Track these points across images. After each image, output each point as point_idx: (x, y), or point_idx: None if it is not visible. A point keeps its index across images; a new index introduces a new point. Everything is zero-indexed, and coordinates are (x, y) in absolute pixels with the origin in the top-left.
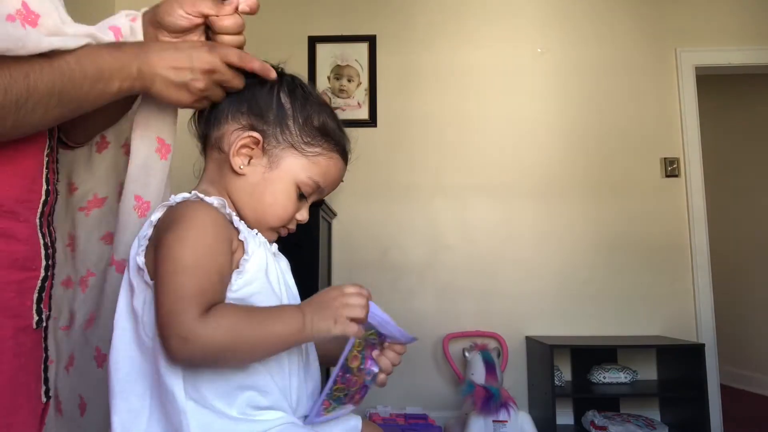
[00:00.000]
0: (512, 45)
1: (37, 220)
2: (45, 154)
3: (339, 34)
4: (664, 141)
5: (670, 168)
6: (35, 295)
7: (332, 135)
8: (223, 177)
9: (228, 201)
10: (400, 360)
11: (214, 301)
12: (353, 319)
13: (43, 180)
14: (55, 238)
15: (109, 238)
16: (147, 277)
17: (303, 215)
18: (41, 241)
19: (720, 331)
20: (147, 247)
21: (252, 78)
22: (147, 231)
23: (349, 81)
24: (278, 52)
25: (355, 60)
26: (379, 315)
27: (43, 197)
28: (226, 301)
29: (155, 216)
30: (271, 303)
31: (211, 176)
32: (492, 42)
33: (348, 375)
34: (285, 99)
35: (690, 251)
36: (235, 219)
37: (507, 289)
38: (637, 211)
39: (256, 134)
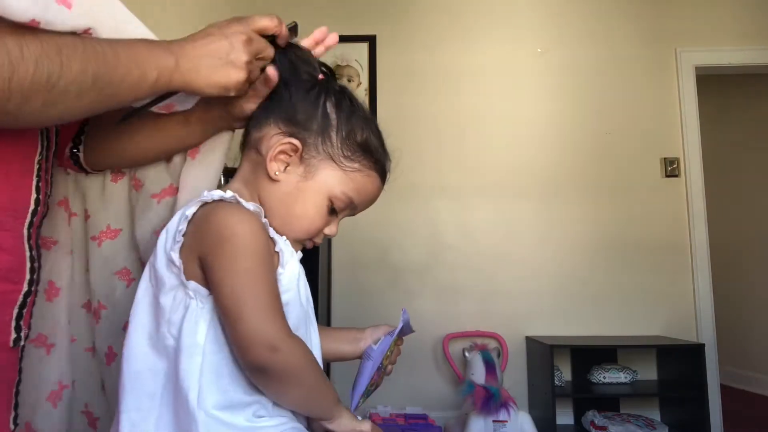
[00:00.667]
0: (512, 45)
1: (25, 231)
2: (35, 161)
3: (339, 34)
4: (664, 141)
5: (670, 168)
6: (15, 311)
7: (374, 152)
8: (257, 179)
9: (261, 209)
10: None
11: (283, 312)
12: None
13: (33, 189)
14: (40, 253)
15: (126, 274)
16: (182, 277)
17: (332, 230)
18: (27, 254)
19: (720, 331)
20: (183, 245)
21: (301, 79)
22: (182, 225)
23: (349, 81)
24: None
25: (355, 60)
26: (406, 318)
27: (32, 207)
28: None
29: (190, 210)
30: (299, 315)
31: (246, 176)
32: (492, 42)
33: (379, 371)
34: (331, 109)
35: (690, 251)
36: (271, 229)
37: (507, 289)
38: (637, 211)
39: (296, 141)
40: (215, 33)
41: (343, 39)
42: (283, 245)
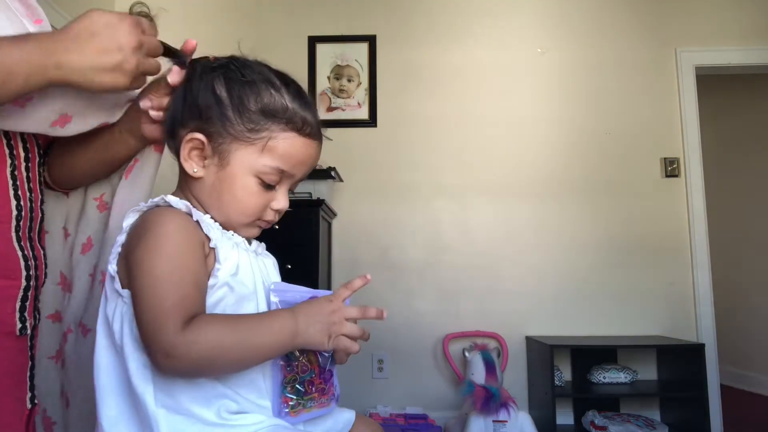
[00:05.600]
0: (512, 45)
1: (13, 234)
2: (8, 173)
3: (339, 34)
4: (664, 141)
5: (670, 168)
6: (18, 304)
7: (279, 113)
8: (187, 182)
9: (198, 205)
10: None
11: (195, 311)
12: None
13: (11, 196)
14: (42, 252)
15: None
16: (118, 286)
17: (280, 204)
18: (19, 254)
19: (720, 331)
20: (119, 255)
21: (191, 76)
22: (120, 237)
23: (349, 81)
24: (278, 52)
25: (355, 60)
26: (290, 291)
27: (15, 212)
28: None
29: (127, 222)
30: (239, 306)
31: (181, 183)
32: (492, 42)
33: (293, 363)
34: (220, 89)
35: (690, 251)
36: (205, 225)
37: (507, 289)
38: (637, 211)
39: (198, 135)
40: (105, 34)
41: (343, 39)
42: (222, 241)
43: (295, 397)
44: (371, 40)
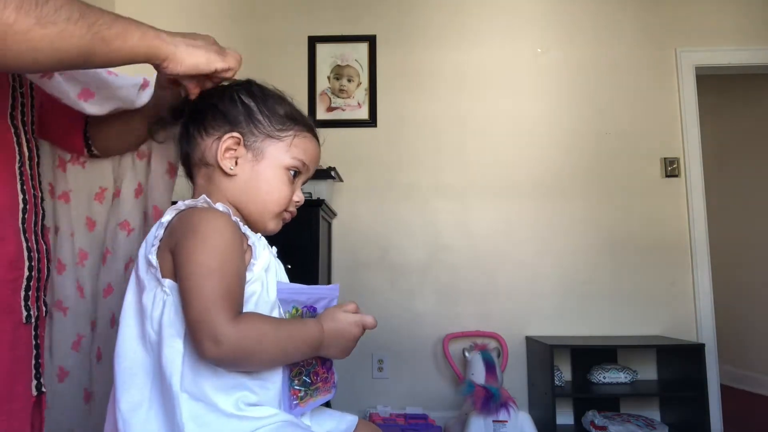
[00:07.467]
0: (512, 45)
1: (20, 226)
2: (17, 168)
3: (339, 34)
4: (664, 141)
5: (670, 168)
6: (22, 293)
7: (299, 118)
8: (217, 185)
9: (231, 208)
10: None
11: (239, 303)
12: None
13: (18, 190)
14: (45, 247)
15: (126, 226)
16: (159, 275)
17: (299, 196)
18: (24, 245)
19: (720, 331)
20: (159, 248)
21: (210, 96)
22: (158, 231)
23: (349, 81)
24: (278, 52)
25: (355, 60)
26: (289, 290)
27: (21, 205)
28: None
29: (166, 218)
30: (266, 305)
31: (205, 189)
32: (492, 42)
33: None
34: (247, 100)
35: (690, 251)
36: (242, 225)
37: (507, 289)
38: (637, 211)
39: (236, 134)
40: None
41: (343, 39)
42: (256, 240)
43: (303, 389)
44: (371, 40)
